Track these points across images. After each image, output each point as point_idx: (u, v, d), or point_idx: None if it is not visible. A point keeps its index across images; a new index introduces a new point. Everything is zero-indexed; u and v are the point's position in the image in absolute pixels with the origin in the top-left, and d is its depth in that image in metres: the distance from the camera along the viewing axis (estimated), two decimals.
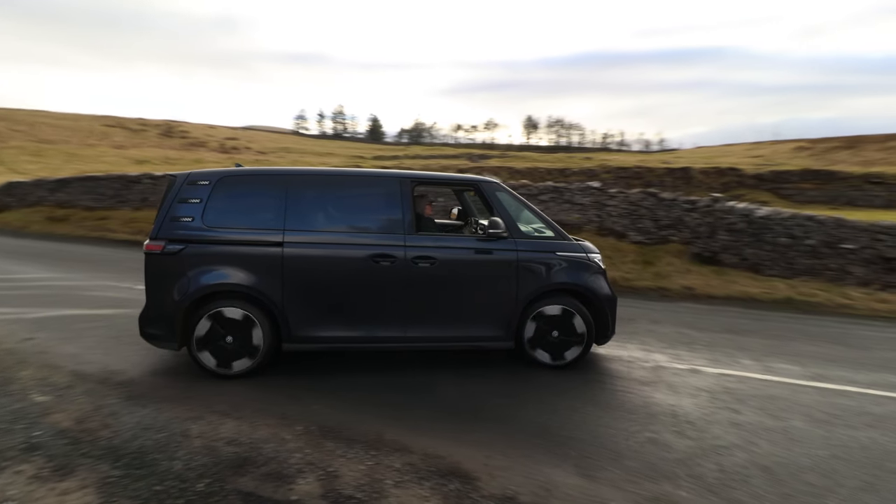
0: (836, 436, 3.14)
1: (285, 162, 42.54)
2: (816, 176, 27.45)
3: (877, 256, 7.97)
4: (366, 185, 4.11)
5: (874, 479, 2.66)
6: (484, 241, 4.06)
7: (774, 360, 4.57)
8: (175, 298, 3.62)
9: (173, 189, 3.80)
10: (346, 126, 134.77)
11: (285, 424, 3.01)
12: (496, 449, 2.83)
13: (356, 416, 3.18)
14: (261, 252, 3.73)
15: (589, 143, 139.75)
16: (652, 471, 2.68)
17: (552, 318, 4.07)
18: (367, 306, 3.86)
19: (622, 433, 3.09)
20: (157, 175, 15.33)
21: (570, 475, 2.60)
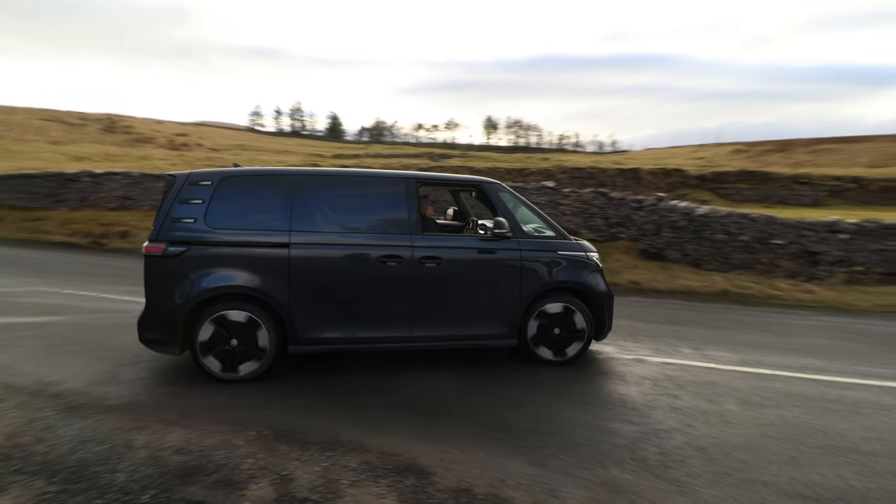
0: (766, 416, 3.39)
1: (240, 159, 41.09)
2: (752, 177, 29.35)
3: (802, 251, 8.64)
4: (372, 186, 4.09)
5: (798, 454, 2.90)
6: (488, 241, 4.11)
7: (712, 349, 4.87)
8: (177, 302, 3.51)
9: (173, 189, 3.66)
10: (305, 123, 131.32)
11: (237, 430, 2.92)
12: (454, 444, 2.86)
13: (313, 418, 3.13)
14: (267, 254, 3.66)
15: (546, 143, 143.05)
16: (601, 456, 2.79)
17: (554, 316, 4.15)
18: (373, 307, 3.85)
19: (575, 423, 3.20)
20: (97, 173, 14.39)
21: (524, 465, 2.68)
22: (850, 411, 3.53)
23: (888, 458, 2.89)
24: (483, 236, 4.30)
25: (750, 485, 2.56)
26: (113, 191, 13.96)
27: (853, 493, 2.52)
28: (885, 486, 2.60)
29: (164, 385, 3.53)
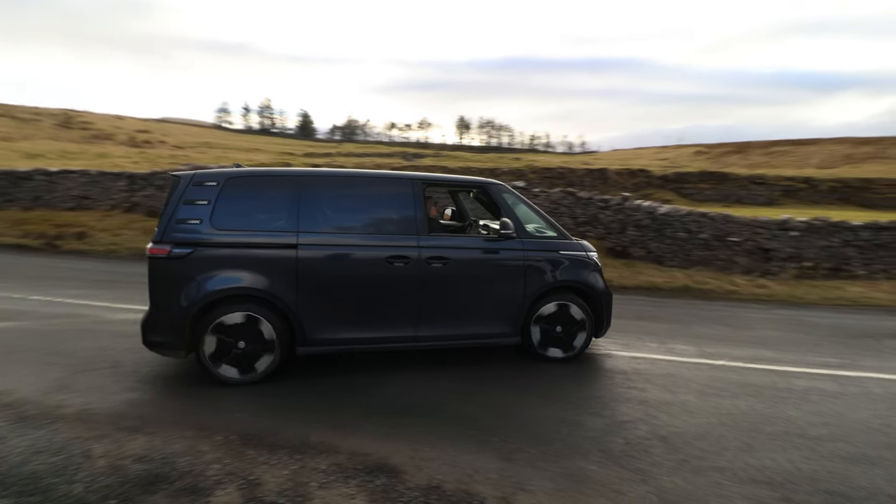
0: (723, 405, 3.55)
1: (207, 157, 39.80)
2: (712, 177, 30.56)
3: (757, 248, 9.06)
4: (379, 187, 4.11)
5: (752, 440, 3.05)
6: (493, 241, 4.16)
7: (674, 342, 5.05)
8: (183, 304, 3.45)
9: (178, 190, 3.59)
10: (275, 121, 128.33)
11: (203, 436, 2.84)
12: (425, 442, 2.87)
13: (282, 421, 3.07)
14: (274, 255, 3.63)
15: (518, 144, 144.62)
16: (568, 449, 2.86)
17: (557, 314, 4.22)
18: (380, 307, 3.85)
19: (544, 417, 3.27)
20: (51, 171, 13.67)
21: (493, 460, 2.71)
22: (799, 399, 3.74)
23: (833, 441, 3.07)
24: (487, 236, 4.34)
25: (707, 471, 2.67)
26: (69, 190, 13.28)
27: (801, 476, 2.67)
28: (829, 468, 2.76)
29: (123, 392, 3.39)
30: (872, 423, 3.36)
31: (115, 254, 9.49)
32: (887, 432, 3.22)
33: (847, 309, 7.23)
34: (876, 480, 2.65)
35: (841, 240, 8.87)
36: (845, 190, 27.86)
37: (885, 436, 3.18)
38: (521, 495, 2.41)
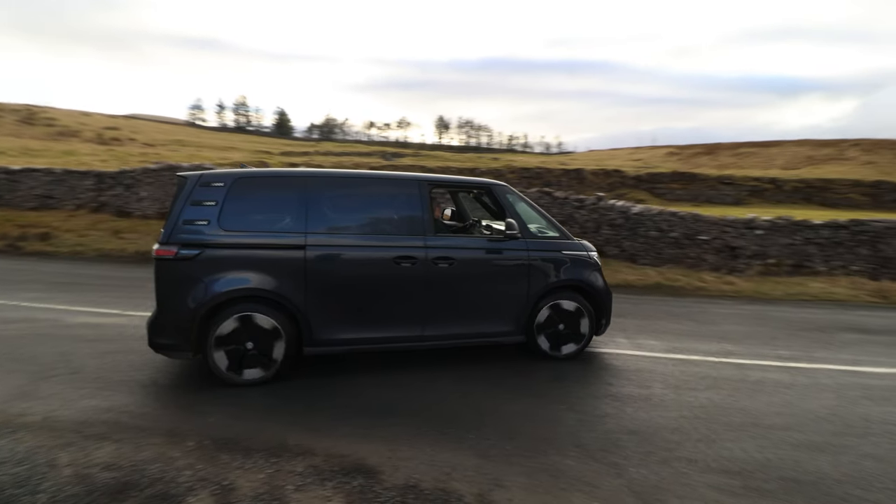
0: (684, 398, 3.68)
1: (179, 156, 38.69)
2: (682, 177, 31.41)
3: (724, 246, 9.38)
4: (386, 188, 4.14)
5: (710, 431, 3.17)
6: (497, 241, 4.22)
7: (643, 338, 5.20)
8: (190, 305, 3.43)
9: (184, 191, 3.55)
10: (250, 119, 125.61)
11: (174, 441, 2.78)
12: (402, 442, 2.89)
13: (257, 424, 3.04)
14: (283, 255, 3.63)
15: (497, 144, 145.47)
16: (543, 445, 2.92)
17: (559, 313, 4.30)
18: (387, 307, 3.89)
19: (519, 414, 3.32)
20: (13, 169, 13.09)
21: (470, 457, 2.75)
22: (754, 390, 3.91)
23: (784, 430, 3.23)
24: (491, 237, 4.40)
25: (673, 462, 2.78)
26: (32, 189, 12.73)
27: (754, 464, 2.80)
28: (782, 455, 2.91)
29: (87, 398, 3.30)
30: (821, 412, 3.55)
31: (81, 255, 9.16)
32: (833, 420, 3.41)
33: (808, 304, 7.56)
34: (823, 466, 2.81)
35: (803, 238, 9.26)
36: (808, 190, 29.05)
37: (832, 424, 3.36)
38: (497, 491, 2.46)
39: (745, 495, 2.50)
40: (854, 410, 3.59)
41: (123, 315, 5.28)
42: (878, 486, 2.62)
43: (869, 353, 5.04)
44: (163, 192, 11.64)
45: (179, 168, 11.49)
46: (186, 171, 11.52)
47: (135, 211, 11.77)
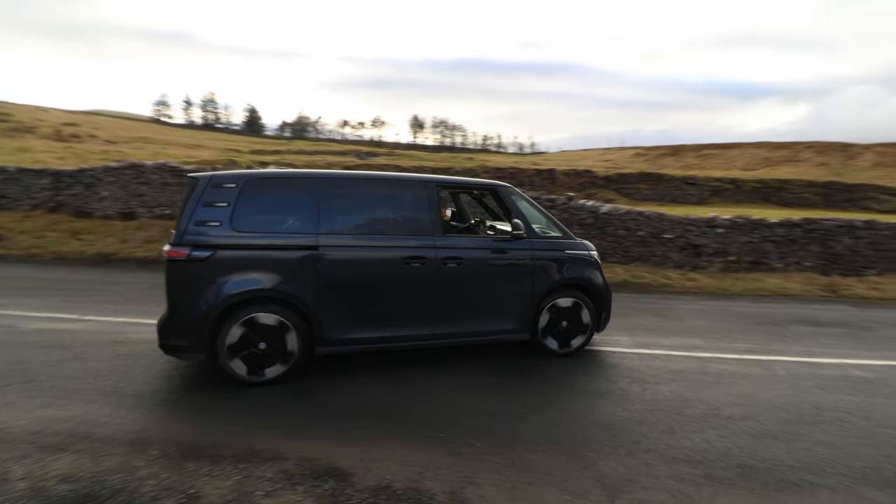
0: (650, 392, 3.79)
1: (143, 154, 37.17)
2: (649, 178, 32.33)
3: (687, 244, 9.70)
4: (395, 189, 4.17)
5: (674, 423, 3.28)
6: (503, 241, 4.29)
7: (612, 334, 5.32)
8: (203, 307, 3.43)
9: (196, 192, 3.55)
10: (219, 116, 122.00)
11: (137, 450, 2.68)
12: (375, 443, 2.87)
13: (225, 429, 2.96)
14: (294, 256, 3.64)
15: (471, 144, 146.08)
16: (514, 441, 2.95)
17: (563, 310, 4.41)
18: (397, 307, 3.93)
19: (491, 412, 3.35)
20: None
21: (442, 456, 2.75)
22: (714, 382, 4.07)
23: (742, 420, 3.38)
24: (496, 237, 4.47)
25: (639, 454, 2.86)
26: None
27: (715, 453, 2.92)
28: (740, 444, 3.04)
29: (44, 407, 3.13)
30: (776, 401, 3.72)
31: (37, 258, 8.69)
32: (788, 409, 3.58)
33: (765, 299, 7.91)
34: (778, 453, 2.95)
35: (760, 236, 9.67)
36: (765, 190, 30.38)
37: (786, 413, 3.53)
38: (469, 488, 2.47)
39: (706, 484, 2.60)
40: (807, 399, 3.78)
41: (81, 320, 5.05)
42: (829, 470, 2.77)
43: (821, 344, 5.32)
44: (125, 191, 11.16)
45: (143, 167, 11.05)
46: (151, 169, 11.10)
47: (95, 211, 11.23)
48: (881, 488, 2.62)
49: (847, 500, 2.51)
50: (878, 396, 3.89)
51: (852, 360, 4.76)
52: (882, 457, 2.94)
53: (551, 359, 4.44)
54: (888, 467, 2.83)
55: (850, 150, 53.46)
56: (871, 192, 29.62)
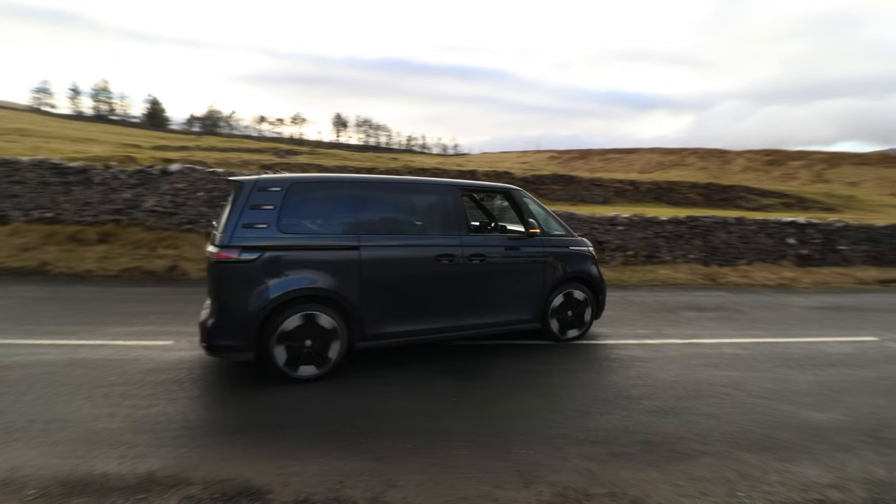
0: (561, 380, 4.01)
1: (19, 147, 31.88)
2: (562, 179, 34.38)
3: (594, 240, 10.44)
4: (426, 192, 4.39)
5: (583, 406, 3.49)
6: (519, 239, 4.69)
7: None
8: (253, 307, 3.49)
9: (242, 195, 3.60)
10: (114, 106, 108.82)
11: (9, 491, 2.28)
12: (293, 456, 2.71)
13: (117, 456, 2.62)
14: (338, 256, 3.77)
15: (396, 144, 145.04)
16: (437, 438, 2.95)
17: (568, 301, 4.89)
18: (429, 301, 4.16)
19: (415, 412, 3.32)
20: None
21: (365, 462, 2.68)
22: (619, 366, 4.41)
23: (641, 399, 3.69)
24: (513, 235, 4.81)
25: (552, 439, 3.01)
26: None
27: (617, 432, 3.16)
28: (643, 421, 3.31)
29: None
30: (669, 380, 4.13)
31: None
32: (678, 387, 3.99)
33: (658, 288, 8.75)
34: (670, 427, 3.26)
35: (653, 232, 10.69)
36: (658, 191, 33.64)
37: (677, 390, 3.92)
38: (391, 491, 2.43)
39: (610, 461, 2.80)
40: (693, 376, 4.23)
41: None
42: (712, 439, 3.12)
43: (704, 327, 5.99)
44: None
45: (16, 163, 9.49)
46: (27, 166, 9.55)
47: None
48: (751, 450, 3.00)
49: (725, 463, 2.84)
50: (748, 370, 4.46)
51: (728, 340, 5.42)
52: (751, 422, 3.37)
53: (474, 355, 4.52)
54: (755, 431, 3.25)
55: (725, 155, 61.14)
56: (741, 193, 34.06)
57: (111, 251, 8.05)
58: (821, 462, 2.90)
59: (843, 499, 2.54)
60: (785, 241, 11.01)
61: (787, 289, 9.03)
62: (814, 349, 5.18)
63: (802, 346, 5.30)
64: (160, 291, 6.61)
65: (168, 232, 8.82)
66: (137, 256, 7.94)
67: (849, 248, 11.22)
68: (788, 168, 53.83)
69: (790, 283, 9.41)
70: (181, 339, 4.58)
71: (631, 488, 2.55)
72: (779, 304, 7.55)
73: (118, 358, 4.08)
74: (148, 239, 8.50)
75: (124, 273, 7.38)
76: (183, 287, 6.92)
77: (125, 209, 9.06)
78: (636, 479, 2.63)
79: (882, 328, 6.23)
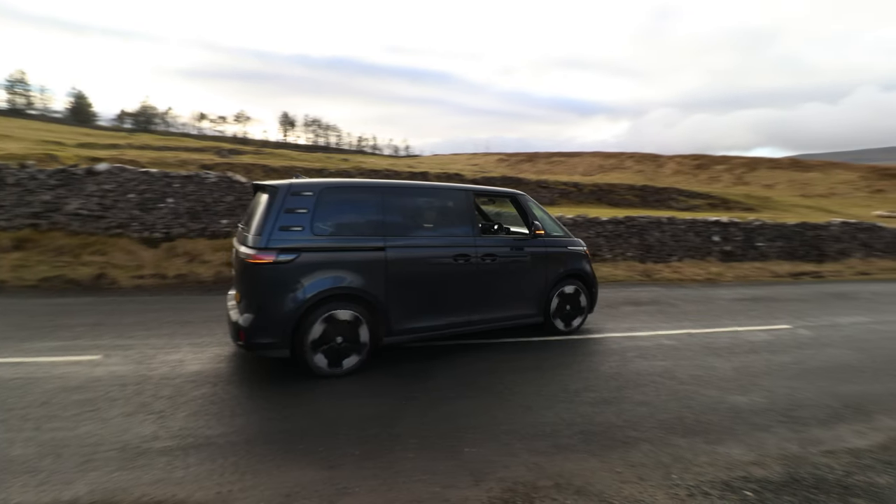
0: (511, 379, 4.09)
1: None
2: (510, 181, 35.14)
3: None
4: (444, 196, 4.62)
5: (530, 402, 3.58)
6: (524, 240, 5.05)
7: None
8: (291, 305, 3.65)
9: (277, 200, 3.74)
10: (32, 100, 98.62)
11: None
12: (240, 471, 2.57)
13: (34, 484, 2.38)
14: (367, 256, 3.97)
15: (346, 145, 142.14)
16: (389, 442, 2.92)
17: (567, 296, 5.32)
18: (447, 298, 4.44)
19: (364, 417, 3.25)
20: None
21: (319, 470, 2.60)
22: (559, 363, 4.56)
23: (587, 391, 3.84)
24: (518, 236, 5.20)
25: (500, 436, 3.06)
26: None
27: (561, 424, 3.27)
28: (582, 412, 3.45)
29: None
30: (609, 372, 4.33)
31: None
32: (617, 378, 4.19)
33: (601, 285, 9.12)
34: (609, 417, 3.42)
35: (595, 232, 11.18)
36: (599, 192, 35.28)
37: (616, 381, 4.12)
38: (344, 499, 2.38)
39: (556, 453, 2.89)
40: (631, 367, 4.46)
41: None
42: (647, 425, 3.30)
43: (640, 320, 6.33)
44: None
45: None
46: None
47: None
48: (683, 435, 3.21)
49: (660, 448, 3.02)
50: (680, 359, 4.77)
51: (663, 332, 5.77)
52: (683, 408, 3.61)
53: (425, 358, 4.51)
54: (687, 416, 3.48)
55: (658, 159, 65.18)
56: (673, 194, 36.45)
57: (28, 258, 7.29)
58: (743, 442, 3.15)
59: (764, 474, 2.78)
60: (711, 238, 11.90)
61: (713, 283, 9.76)
62: (737, 338, 5.64)
63: (727, 335, 5.75)
64: (87, 302, 6.06)
65: (95, 237, 8.12)
66: (59, 264, 7.24)
67: (765, 244, 12.32)
68: (713, 171, 58.32)
69: (716, 277, 10.18)
70: (113, 354, 4.23)
71: (575, 478, 2.65)
72: (706, 298, 8.15)
73: (39, 376, 3.70)
74: (71, 245, 7.77)
75: (44, 282, 6.70)
76: (113, 297, 6.40)
77: (44, 212, 8.24)
78: (580, 469, 2.73)
79: (794, 316, 6.89)
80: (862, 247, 13.24)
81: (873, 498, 2.62)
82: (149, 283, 7.02)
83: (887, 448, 3.17)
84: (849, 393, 4.08)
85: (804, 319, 6.73)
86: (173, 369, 3.91)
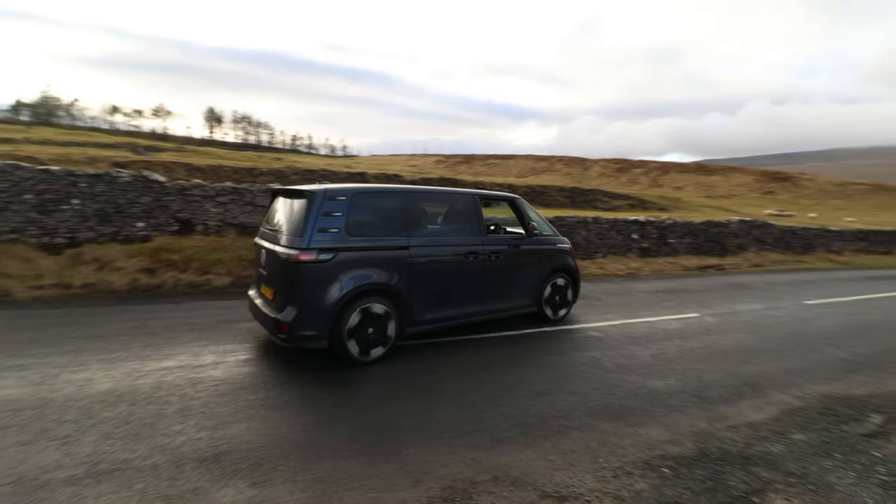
0: (458, 375, 4.11)
1: None
2: (448, 182, 35.52)
3: None
4: (456, 200, 5.10)
5: (468, 399, 3.63)
6: (521, 239, 5.59)
7: None
8: (330, 300, 3.95)
9: (316, 204, 4.02)
10: None
11: None
12: (165, 495, 2.33)
13: None
14: (393, 255, 4.34)
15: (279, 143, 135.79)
16: (325, 452, 2.80)
17: (557, 288, 5.95)
18: (461, 291, 4.89)
19: (294, 426, 3.10)
20: None
21: (244, 489, 2.43)
22: (501, 359, 4.66)
23: (523, 384, 3.94)
24: (516, 236, 5.74)
25: (438, 435, 3.04)
26: None
27: (503, 417, 3.32)
28: (521, 405, 3.52)
29: None
30: (543, 365, 4.47)
31: None
32: (552, 370, 4.35)
33: None
34: (543, 407, 3.53)
35: None
36: (531, 193, 36.69)
37: (551, 372, 4.28)
38: None
39: (493, 447, 2.93)
40: (563, 359, 4.65)
41: None
42: (576, 414, 3.44)
43: (571, 314, 6.58)
44: None
45: None
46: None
47: None
48: (609, 420, 3.39)
49: (588, 434, 3.17)
50: (606, 349, 5.05)
51: (589, 325, 6.08)
52: (608, 395, 3.82)
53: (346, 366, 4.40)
54: (612, 402, 3.69)
55: (585, 163, 69.10)
56: (598, 196, 38.81)
57: None
58: (660, 423, 3.40)
59: (679, 451, 3.01)
60: (631, 236, 12.80)
61: (633, 277, 10.50)
62: (653, 327, 6.09)
63: (645, 325, 6.19)
64: None
65: None
66: None
67: (677, 241, 13.47)
68: (632, 174, 62.92)
69: (635, 271, 10.96)
70: (5, 376, 3.68)
71: (511, 470, 2.70)
72: (627, 291, 8.73)
73: None
74: None
75: None
76: (6, 311, 5.57)
77: None
78: (516, 461, 2.79)
79: (702, 305, 7.58)
80: (756, 242, 14.91)
81: (769, 465, 2.93)
82: (50, 295, 6.20)
83: (779, 420, 3.57)
84: (748, 372, 4.55)
85: (710, 308, 7.43)
86: (80, 389, 3.48)
